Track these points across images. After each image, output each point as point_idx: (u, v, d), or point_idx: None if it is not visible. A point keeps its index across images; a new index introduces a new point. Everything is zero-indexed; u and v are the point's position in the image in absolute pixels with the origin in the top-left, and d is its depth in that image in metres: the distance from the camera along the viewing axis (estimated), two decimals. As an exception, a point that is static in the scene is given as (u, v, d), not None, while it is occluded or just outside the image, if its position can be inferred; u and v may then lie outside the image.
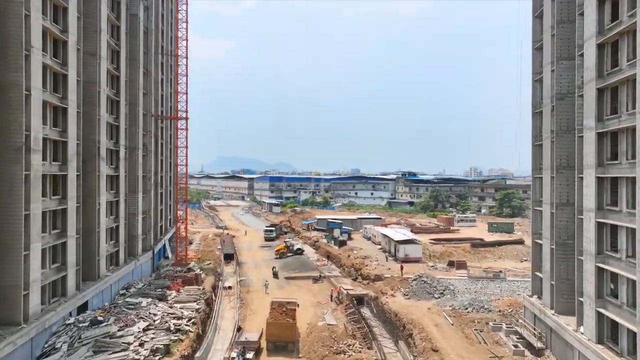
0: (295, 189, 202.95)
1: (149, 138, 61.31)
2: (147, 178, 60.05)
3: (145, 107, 59.41)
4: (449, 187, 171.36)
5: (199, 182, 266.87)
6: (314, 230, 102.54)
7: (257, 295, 54.33)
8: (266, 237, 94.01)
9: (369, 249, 78.02)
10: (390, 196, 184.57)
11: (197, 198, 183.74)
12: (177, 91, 64.34)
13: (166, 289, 48.36)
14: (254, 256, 78.14)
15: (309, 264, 67.55)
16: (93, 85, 42.06)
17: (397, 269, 61.51)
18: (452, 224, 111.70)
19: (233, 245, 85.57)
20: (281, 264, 69.53)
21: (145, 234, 59.17)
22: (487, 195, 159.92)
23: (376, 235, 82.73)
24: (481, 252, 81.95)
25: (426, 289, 51.64)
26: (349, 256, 72.13)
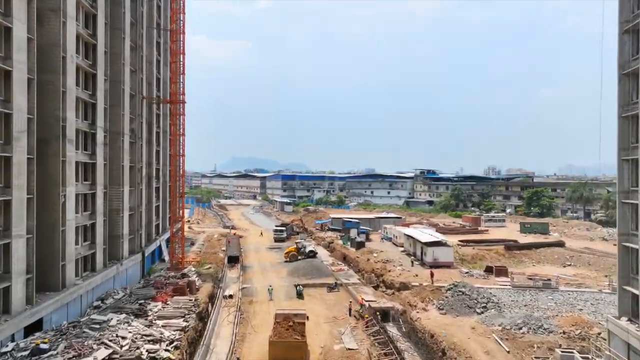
0: (309, 187, 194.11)
1: (139, 123, 52.95)
2: (137, 169, 51.66)
3: (134, 88, 51.04)
4: (470, 186, 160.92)
5: (211, 182, 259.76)
6: (328, 230, 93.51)
7: (261, 307, 45.45)
8: (276, 238, 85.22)
9: (390, 252, 68.71)
10: (408, 195, 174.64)
11: (207, 197, 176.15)
12: (175, 71, 55.92)
13: (150, 300, 39.78)
14: (261, 259, 69.38)
15: (323, 269, 58.54)
16: (55, 48, 33.61)
17: (425, 276, 52.23)
18: (479, 224, 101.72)
19: (239, 246, 76.98)
20: (291, 268, 60.64)
21: (134, 233, 50.76)
22: (512, 194, 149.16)
23: (398, 236, 73.40)
24: (516, 255, 72.13)
25: (465, 301, 42.20)
26: (369, 260, 62.95)
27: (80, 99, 38.24)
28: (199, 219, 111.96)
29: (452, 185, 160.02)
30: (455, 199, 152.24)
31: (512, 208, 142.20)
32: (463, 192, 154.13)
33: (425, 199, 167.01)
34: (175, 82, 55.99)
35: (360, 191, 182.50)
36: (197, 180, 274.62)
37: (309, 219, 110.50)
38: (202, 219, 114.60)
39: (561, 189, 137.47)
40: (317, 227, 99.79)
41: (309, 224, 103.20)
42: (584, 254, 70.26)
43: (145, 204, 55.73)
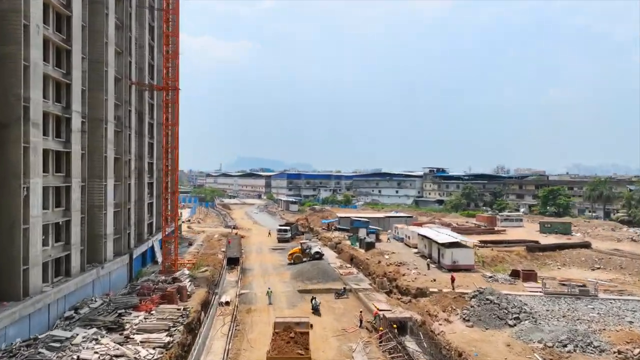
0: (315, 186, 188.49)
1: (127, 111, 47.72)
2: (124, 162, 46.42)
3: (121, 71, 45.82)
4: (481, 185, 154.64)
5: (216, 181, 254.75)
6: (336, 230, 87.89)
7: (260, 317, 39.92)
8: (280, 238, 79.69)
9: (403, 253, 63.00)
10: (417, 194, 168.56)
11: (210, 196, 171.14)
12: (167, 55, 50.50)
13: (132, 309, 34.43)
14: (263, 261, 63.90)
15: (330, 273, 52.92)
16: (15, 14, 28.32)
17: (444, 281, 46.57)
18: (495, 223, 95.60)
19: (240, 247, 71.57)
20: (295, 271, 55.08)
21: (120, 232, 45.50)
22: (526, 192, 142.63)
23: (411, 237, 67.63)
24: (539, 257, 66.26)
25: (494, 311, 36.44)
26: (380, 262, 57.26)
27: (50, 77, 32.92)
28: (200, 218, 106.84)
29: (463, 184, 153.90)
30: (466, 198, 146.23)
31: (526, 207, 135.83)
32: (474, 191, 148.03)
33: (435, 198, 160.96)
34: (167, 67, 50.62)
35: (368, 190, 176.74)
36: (202, 180, 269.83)
37: (315, 218, 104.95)
38: (204, 218, 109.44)
39: (578, 188, 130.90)
40: (323, 226, 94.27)
41: (315, 224, 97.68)
42: (614, 256, 64.12)
43: (134, 201, 50.48)
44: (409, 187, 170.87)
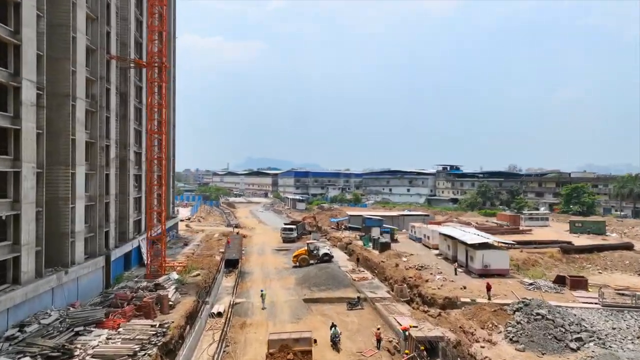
0: (323, 185, 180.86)
1: (105, 90, 40.64)
2: (101, 148, 39.34)
3: (96, 42, 38.76)
4: (498, 183, 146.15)
5: (222, 180, 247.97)
6: (346, 229, 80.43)
7: (256, 334, 32.56)
8: (284, 238, 72.30)
9: (422, 255, 55.42)
10: (429, 193, 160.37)
11: (215, 195, 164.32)
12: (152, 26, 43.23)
13: (94, 325, 27.28)
14: (265, 263, 56.57)
15: (341, 278, 45.39)
16: None
17: (476, 288, 39.07)
18: (518, 223, 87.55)
19: (241, 247, 64.39)
20: (300, 275, 47.69)
21: (95, 231, 38.42)
22: (546, 190, 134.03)
23: (430, 237, 59.96)
24: (576, 259, 58.32)
25: (548, 329, 28.81)
26: (397, 266, 49.67)
27: (-12, 33, 25.89)
28: (202, 217, 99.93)
29: (479, 181, 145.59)
30: (482, 196, 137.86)
31: (546, 206, 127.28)
32: (491, 190, 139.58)
33: (449, 197, 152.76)
34: (152, 39, 43.48)
35: (378, 189, 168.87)
36: (208, 178, 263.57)
37: (323, 217, 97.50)
38: (206, 217, 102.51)
39: (603, 185, 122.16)
40: (332, 225, 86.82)
41: (324, 222, 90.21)
42: (664, 258, 56.10)
43: (115, 194, 43.40)
44: (421, 186, 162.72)
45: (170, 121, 70.33)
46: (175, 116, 74.24)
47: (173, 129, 72.99)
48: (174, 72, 72.79)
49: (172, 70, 72.10)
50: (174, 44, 72.32)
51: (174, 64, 72.90)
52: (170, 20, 69.85)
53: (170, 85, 70.24)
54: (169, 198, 68.89)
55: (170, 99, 70.36)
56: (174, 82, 73.22)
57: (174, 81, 73.23)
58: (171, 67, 70.66)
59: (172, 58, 70.94)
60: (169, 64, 69.25)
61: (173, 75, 72.46)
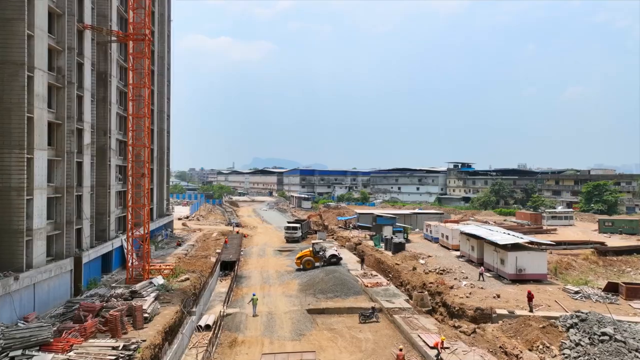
0: (330, 183, 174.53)
1: (77, 64, 34.65)
2: (69, 131, 33.32)
3: (62, 5, 32.77)
4: (512, 181, 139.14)
5: (227, 179, 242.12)
6: (354, 228, 74.08)
7: (247, 355, 26.25)
8: (288, 237, 65.99)
9: (441, 257, 49.03)
10: (440, 191, 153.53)
11: (218, 193, 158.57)
12: None
13: (38, 347, 21.18)
14: (265, 266, 50.34)
15: (351, 283, 38.97)
16: None
17: (512, 297, 32.72)
18: (540, 221, 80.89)
19: (239, 248, 58.26)
20: (305, 280, 41.41)
21: (62, 228, 32.42)
22: (563, 188, 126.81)
23: (450, 236, 53.47)
24: (613, 262, 51.86)
25: (620, 352, 22.32)
26: (415, 269, 43.26)
27: None
28: (202, 215, 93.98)
29: (492, 179, 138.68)
30: (495, 195, 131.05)
31: (563, 205, 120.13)
32: (505, 188, 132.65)
33: (460, 196, 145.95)
34: (133, 8, 37.40)
35: (386, 187, 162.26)
36: (213, 177, 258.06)
37: (329, 216, 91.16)
38: (206, 215, 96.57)
39: (626, 183, 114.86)
40: (339, 224, 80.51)
41: (330, 221, 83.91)
42: None
43: (90, 186, 37.37)
44: (431, 184, 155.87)
45: (165, 110, 64.43)
46: (170, 106, 68.34)
47: (168, 120, 67.08)
48: (168, 59, 66.91)
49: (167, 57, 66.23)
50: (169, 27, 66.41)
51: (169, 49, 67.02)
52: (165, 0, 63.99)
53: (165, 71, 64.36)
54: (162, 194, 62.99)
55: (165, 87, 64.48)
56: (169, 69, 67.31)
57: (169, 68, 67.33)
58: (165, 52, 64.79)
59: (166, 42, 65.07)
60: (164, 48, 63.33)
61: (168, 61, 66.58)
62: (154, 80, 59.07)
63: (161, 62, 62.72)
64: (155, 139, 59.14)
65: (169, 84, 67.14)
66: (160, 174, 62.39)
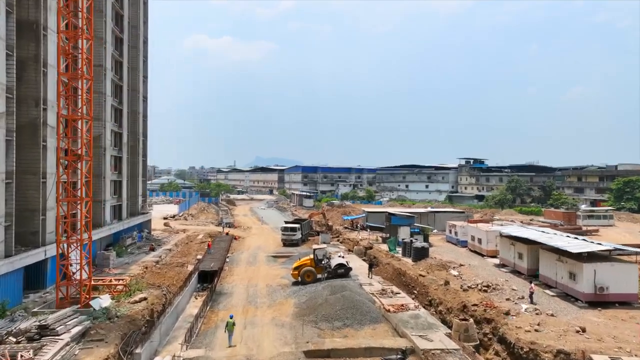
0: (333, 181, 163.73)
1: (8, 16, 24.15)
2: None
3: None
4: (528, 178, 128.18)
5: (227, 177, 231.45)
6: (362, 229, 63.36)
7: None
8: (285, 240, 55.10)
9: (477, 266, 38.35)
10: (450, 189, 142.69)
11: (216, 191, 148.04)
12: None
13: None
14: (254, 277, 39.55)
15: (366, 306, 28.02)
16: None
17: (604, 331, 21.94)
18: (574, 221, 70.07)
19: (225, 254, 47.66)
20: (303, 300, 30.65)
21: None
22: (586, 185, 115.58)
23: (484, 240, 42.68)
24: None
25: None
26: (447, 284, 32.45)
27: None
28: (191, 214, 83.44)
29: (507, 176, 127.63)
30: (512, 192, 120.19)
31: (587, 203, 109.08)
32: (522, 185, 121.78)
33: (473, 194, 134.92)
34: None
35: (393, 185, 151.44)
36: (213, 175, 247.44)
37: (333, 215, 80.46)
38: (197, 215, 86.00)
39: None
40: (345, 224, 69.83)
41: (335, 221, 73.22)
42: None
43: (7, 172, 26.83)
44: (441, 181, 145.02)
45: (139, 90, 53.97)
46: (147, 87, 57.85)
47: (144, 103, 56.66)
48: (145, 31, 56.46)
49: (143, 28, 55.81)
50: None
51: (145, 20, 56.60)
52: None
53: (139, 44, 53.87)
54: (135, 188, 52.47)
55: (140, 62, 54.02)
56: (146, 43, 56.86)
57: (146, 42, 56.87)
58: (140, 22, 54.28)
59: (142, 10, 54.53)
60: (137, 15, 52.80)
61: (144, 34, 56.16)
62: (123, 51, 48.53)
63: (134, 32, 52.22)
64: (124, 122, 48.58)
65: (145, 60, 56.66)
66: (133, 165, 51.89)
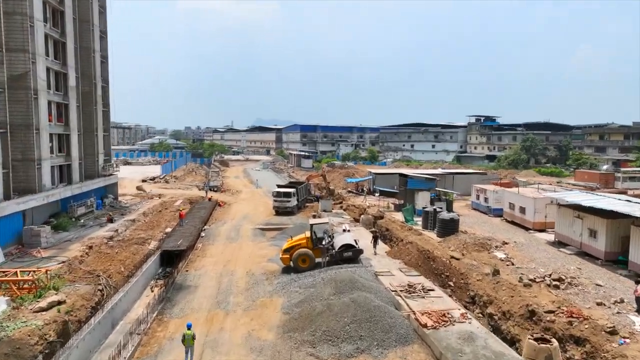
0: (334, 141, 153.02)
1: None
2: None
3: None
4: (544, 136, 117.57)
5: (223, 137, 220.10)
6: (369, 194, 53.66)
7: None
8: (278, 207, 45.13)
9: (525, 244, 28.88)
10: (459, 149, 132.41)
11: (209, 152, 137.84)
12: None
13: None
14: (233, 261, 29.93)
15: (389, 315, 18.52)
16: None
17: None
18: (612, 184, 60.47)
19: (202, 226, 38.14)
20: (295, 302, 21.17)
21: None
22: (609, 144, 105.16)
23: (529, 209, 32.97)
24: None
25: None
26: (498, 274, 22.85)
27: None
28: (175, 177, 73.61)
29: (522, 134, 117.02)
30: (526, 152, 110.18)
31: (609, 164, 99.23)
32: (537, 144, 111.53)
33: (483, 154, 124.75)
34: None
35: (398, 145, 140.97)
36: (209, 136, 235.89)
37: (335, 177, 70.70)
38: (183, 177, 76.20)
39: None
40: (348, 187, 60.18)
41: (336, 184, 63.48)
42: None
43: None
44: (449, 141, 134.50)
45: (94, 22, 42.72)
46: (106, 22, 46.53)
47: (102, 40, 45.55)
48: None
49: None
50: None
51: None
52: None
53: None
54: (93, 145, 42.30)
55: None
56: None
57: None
58: None
59: None
60: None
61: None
62: None
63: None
64: (70, 60, 37.73)
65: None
66: (88, 116, 41.45)
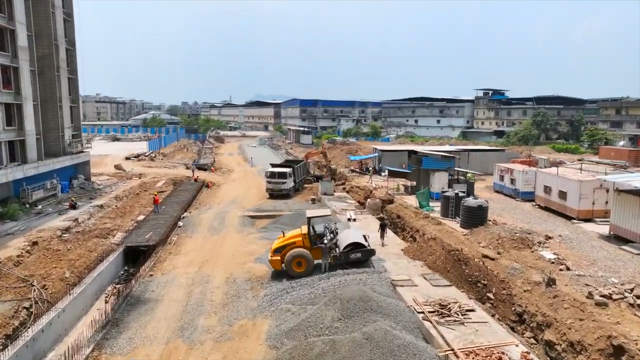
0: (334, 116, 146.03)
1: None
2: None
3: None
4: (555, 111, 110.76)
5: (220, 112, 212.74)
6: (375, 173, 47.66)
7: None
8: (271, 190, 38.92)
9: (573, 238, 22.99)
10: (465, 124, 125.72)
11: (204, 127, 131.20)
12: None
13: None
14: (212, 260, 24.17)
15: (412, 356, 12.97)
16: None
17: None
18: (642, 162, 54.47)
19: (180, 213, 32.32)
20: (287, 329, 15.51)
21: None
22: (627, 119, 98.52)
23: (570, 193, 27.05)
24: None
25: None
26: (554, 284, 17.16)
27: None
28: (163, 154, 67.44)
29: (533, 109, 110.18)
30: (537, 127, 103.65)
31: (626, 140, 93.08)
32: (548, 119, 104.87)
33: (491, 129, 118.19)
34: None
35: (401, 120, 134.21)
36: (206, 111, 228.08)
37: (336, 154, 64.59)
38: (173, 153, 70.10)
39: None
40: (352, 165, 54.21)
41: (338, 162, 57.45)
42: None
43: None
44: (455, 115, 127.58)
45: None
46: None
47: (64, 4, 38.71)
48: None
49: None
50: None
51: None
52: None
53: None
54: (56, 118, 36.05)
55: None
56: None
57: None
58: None
59: None
60: None
61: None
62: None
63: None
64: (17, 14, 31.07)
65: None
66: (48, 83, 35.07)
